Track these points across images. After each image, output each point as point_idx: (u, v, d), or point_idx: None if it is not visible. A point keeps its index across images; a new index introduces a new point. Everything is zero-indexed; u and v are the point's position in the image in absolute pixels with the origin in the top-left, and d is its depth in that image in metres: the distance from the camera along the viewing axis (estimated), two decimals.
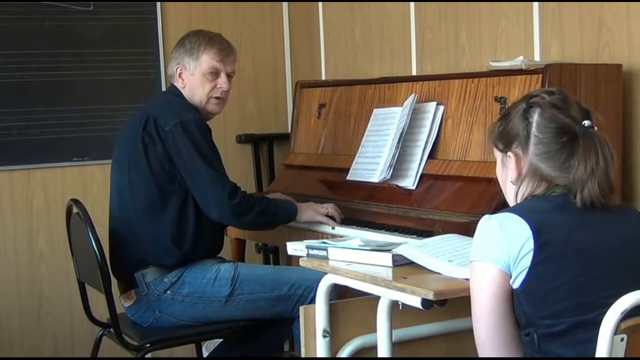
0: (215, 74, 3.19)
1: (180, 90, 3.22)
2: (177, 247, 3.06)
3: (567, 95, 2.01)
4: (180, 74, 3.21)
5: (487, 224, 1.94)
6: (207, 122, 3.21)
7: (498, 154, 2.08)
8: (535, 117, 1.97)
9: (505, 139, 2.03)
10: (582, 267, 1.86)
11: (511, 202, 2.06)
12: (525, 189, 2.00)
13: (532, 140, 1.97)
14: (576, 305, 1.84)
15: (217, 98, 3.21)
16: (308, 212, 3.24)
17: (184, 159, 3.03)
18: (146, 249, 3.07)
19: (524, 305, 1.88)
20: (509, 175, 2.03)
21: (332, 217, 3.25)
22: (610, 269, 1.88)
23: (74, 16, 4.04)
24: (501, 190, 2.11)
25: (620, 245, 1.91)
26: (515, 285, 1.88)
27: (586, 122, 1.94)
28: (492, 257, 1.89)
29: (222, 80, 3.20)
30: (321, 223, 3.25)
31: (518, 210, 1.93)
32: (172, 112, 3.09)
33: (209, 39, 3.21)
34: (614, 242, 1.91)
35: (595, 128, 1.95)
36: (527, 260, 1.85)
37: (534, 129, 1.96)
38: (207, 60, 3.17)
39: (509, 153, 2.02)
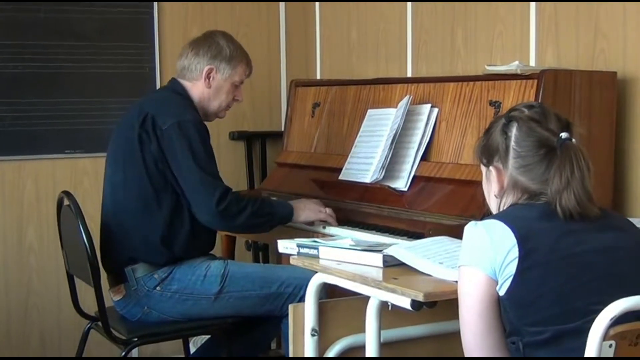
0: (239, 85, 3.28)
1: (187, 88, 3.21)
2: (167, 248, 3.05)
3: (546, 109, 2.03)
4: (209, 74, 3.20)
5: (474, 230, 1.95)
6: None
7: (483, 169, 2.10)
8: (513, 131, 1.99)
9: (487, 154, 2.06)
10: (569, 273, 1.86)
11: None
12: (506, 201, 2.02)
13: (511, 153, 1.99)
14: (562, 313, 1.84)
15: (228, 106, 3.30)
16: (306, 212, 3.22)
17: (178, 160, 3.01)
18: (136, 248, 3.05)
19: (509, 312, 1.88)
20: (492, 189, 2.06)
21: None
22: (597, 276, 1.88)
23: (69, 8, 4.03)
24: (486, 204, 2.13)
25: (607, 252, 1.92)
26: (501, 292, 1.88)
27: (563, 135, 1.95)
28: (479, 263, 1.90)
29: (240, 93, 3.30)
30: (320, 222, 3.23)
31: (504, 217, 1.94)
32: (171, 111, 3.07)
33: (245, 53, 3.30)
34: (600, 249, 1.91)
35: (574, 140, 1.96)
36: (512, 268, 1.86)
37: (512, 143, 1.99)
38: (241, 72, 3.26)
39: (491, 167, 2.05)
